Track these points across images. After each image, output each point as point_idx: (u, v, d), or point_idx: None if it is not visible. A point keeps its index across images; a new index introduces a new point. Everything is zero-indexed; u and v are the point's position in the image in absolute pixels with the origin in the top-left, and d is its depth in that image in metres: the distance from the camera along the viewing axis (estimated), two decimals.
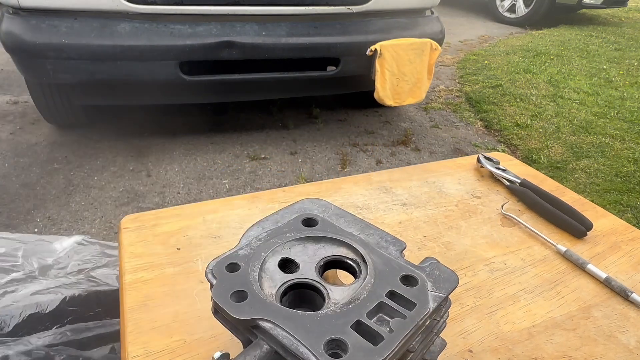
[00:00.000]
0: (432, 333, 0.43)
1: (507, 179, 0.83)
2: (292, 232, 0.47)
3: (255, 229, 0.48)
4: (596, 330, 0.55)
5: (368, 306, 0.38)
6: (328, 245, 0.46)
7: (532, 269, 0.64)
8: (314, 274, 0.43)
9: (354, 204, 0.76)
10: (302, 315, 0.37)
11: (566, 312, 0.57)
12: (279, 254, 0.44)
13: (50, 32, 1.91)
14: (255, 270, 0.42)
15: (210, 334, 0.50)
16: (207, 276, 0.41)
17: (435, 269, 0.44)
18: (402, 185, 0.82)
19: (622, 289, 0.60)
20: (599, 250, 0.69)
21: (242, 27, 2.11)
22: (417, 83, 2.56)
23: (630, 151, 2.80)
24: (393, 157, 2.60)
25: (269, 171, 2.38)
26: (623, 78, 4.07)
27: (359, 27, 2.35)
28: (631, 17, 7.05)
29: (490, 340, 0.52)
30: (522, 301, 0.58)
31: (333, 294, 0.41)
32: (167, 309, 0.53)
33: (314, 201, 0.53)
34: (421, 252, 0.65)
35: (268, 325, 0.36)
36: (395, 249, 0.46)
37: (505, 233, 0.71)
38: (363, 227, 0.49)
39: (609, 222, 0.76)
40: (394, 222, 0.72)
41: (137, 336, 0.49)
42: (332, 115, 3.04)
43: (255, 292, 0.39)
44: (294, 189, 0.79)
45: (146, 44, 2.01)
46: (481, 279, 0.61)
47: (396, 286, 0.41)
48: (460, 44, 5.06)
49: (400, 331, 0.36)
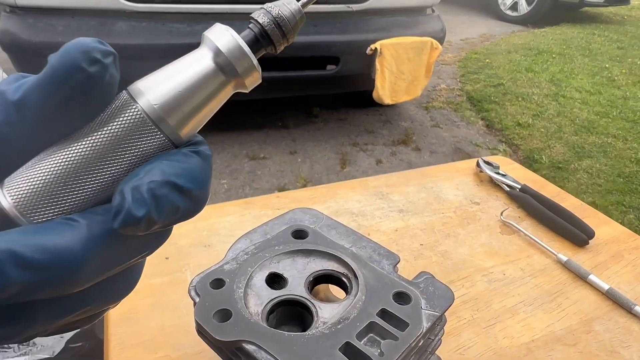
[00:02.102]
0: (427, 352, 0.41)
1: (507, 184, 0.81)
2: (281, 245, 0.45)
3: (242, 241, 0.46)
4: (597, 345, 0.53)
5: (358, 326, 0.37)
6: (318, 259, 0.44)
7: (532, 280, 0.62)
8: (303, 290, 0.41)
9: (349, 210, 0.74)
10: (288, 337, 0.35)
11: (567, 325, 0.55)
12: (267, 269, 0.42)
13: (47, 31, 1.89)
14: (240, 286, 0.40)
15: (196, 350, 0.48)
16: (189, 293, 0.39)
17: (430, 285, 0.42)
18: (399, 191, 0.80)
19: (625, 301, 0.58)
20: (601, 260, 0.67)
21: (241, 25, 2.08)
22: (413, 81, 2.54)
23: (632, 151, 2.77)
24: (393, 157, 2.58)
25: (268, 171, 2.37)
26: (626, 77, 4.04)
27: (359, 26, 2.32)
28: (634, 15, 7.01)
29: (487, 356, 0.50)
30: (521, 314, 0.56)
31: (322, 312, 0.39)
32: (153, 322, 0.51)
33: (305, 211, 0.51)
34: (417, 261, 0.64)
35: (252, 348, 0.34)
36: (388, 263, 0.44)
37: (504, 241, 0.69)
38: (355, 239, 0.47)
39: (611, 229, 0.74)
40: (390, 229, 0.70)
41: (121, 352, 0.47)
42: (332, 115, 3.02)
43: (239, 311, 0.37)
44: (288, 195, 0.77)
45: (144, 42, 1.99)
46: (479, 290, 0.59)
47: (388, 304, 0.39)
48: (461, 42, 5.03)
49: (391, 354, 0.35)
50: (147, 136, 0.19)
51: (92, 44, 0.18)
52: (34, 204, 0.18)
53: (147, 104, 0.19)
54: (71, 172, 0.18)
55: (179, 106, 0.19)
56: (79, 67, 0.17)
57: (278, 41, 0.22)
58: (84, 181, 0.18)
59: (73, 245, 0.16)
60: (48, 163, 0.18)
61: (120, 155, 0.18)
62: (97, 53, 0.18)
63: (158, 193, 0.17)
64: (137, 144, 0.19)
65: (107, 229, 0.17)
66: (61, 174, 0.18)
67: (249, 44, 0.20)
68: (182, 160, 0.19)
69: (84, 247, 0.17)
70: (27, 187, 0.17)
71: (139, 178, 0.17)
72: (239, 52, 0.20)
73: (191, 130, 0.20)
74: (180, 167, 0.18)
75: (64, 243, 0.16)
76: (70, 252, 0.16)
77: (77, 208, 0.18)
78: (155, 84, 0.19)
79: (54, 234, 0.16)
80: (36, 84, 0.17)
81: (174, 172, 0.18)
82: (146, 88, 0.19)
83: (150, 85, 0.19)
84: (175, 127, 0.19)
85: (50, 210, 0.18)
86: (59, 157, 0.18)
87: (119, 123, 0.18)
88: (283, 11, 0.21)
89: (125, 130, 0.18)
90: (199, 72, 0.20)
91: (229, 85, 0.20)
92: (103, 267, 0.18)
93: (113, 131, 0.18)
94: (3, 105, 0.17)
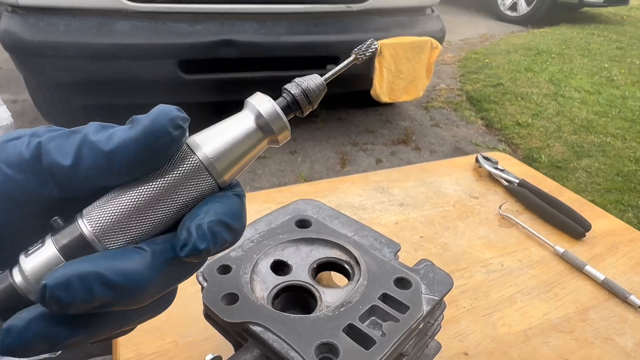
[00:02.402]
0: (426, 336, 0.43)
1: (505, 179, 0.83)
2: (285, 234, 0.46)
3: (248, 230, 0.47)
4: (593, 332, 0.54)
5: (360, 309, 0.38)
6: (321, 247, 0.46)
7: (530, 271, 0.63)
8: (307, 276, 0.42)
9: (350, 204, 0.75)
10: (294, 319, 0.37)
11: (563, 314, 0.56)
12: (272, 256, 0.44)
13: (49, 31, 1.91)
14: (247, 272, 0.41)
15: (203, 336, 0.49)
16: (197, 278, 0.40)
17: (430, 272, 0.43)
18: (399, 186, 0.81)
19: (620, 291, 0.59)
20: (597, 252, 0.68)
21: (241, 25, 2.10)
22: (413, 81, 2.55)
23: (631, 150, 2.79)
24: (393, 156, 2.59)
25: (268, 170, 2.38)
26: (624, 77, 4.06)
27: (359, 26, 2.34)
28: (633, 15, 7.03)
29: (486, 343, 0.52)
30: (518, 303, 0.57)
31: (325, 296, 0.40)
32: None
33: (308, 202, 0.52)
34: (417, 253, 0.65)
35: (258, 329, 0.36)
36: (389, 251, 0.46)
37: (502, 234, 0.71)
38: (357, 228, 0.49)
39: (607, 222, 0.75)
40: (390, 222, 0.71)
41: (129, 338, 0.48)
42: (332, 114, 3.03)
43: (246, 295, 0.38)
44: (290, 189, 0.78)
45: (145, 42, 2.00)
46: (478, 281, 0.61)
47: (389, 289, 0.40)
48: (461, 42, 5.05)
49: (392, 335, 0.36)
50: (202, 181, 0.23)
51: (176, 112, 0.22)
52: (109, 233, 0.22)
53: (204, 156, 0.23)
54: (141, 208, 0.22)
55: (227, 157, 0.24)
56: (167, 131, 0.21)
57: (305, 107, 0.27)
58: (149, 216, 0.22)
59: (143, 270, 0.21)
60: (123, 200, 0.22)
61: (179, 195, 0.23)
62: (180, 120, 0.22)
63: (215, 230, 0.22)
64: (193, 187, 0.23)
65: (168, 257, 0.22)
66: (133, 209, 0.22)
67: (282, 109, 0.25)
68: (227, 202, 0.23)
69: (151, 271, 0.21)
70: (104, 218, 0.22)
71: (201, 218, 0.22)
72: (275, 116, 0.25)
73: (234, 176, 0.25)
74: (227, 207, 0.23)
75: (136, 268, 0.21)
76: (140, 275, 0.21)
77: (142, 237, 0.22)
78: (209, 138, 0.24)
79: (129, 260, 0.21)
80: (128, 141, 0.21)
81: (223, 212, 0.22)
82: (202, 142, 0.23)
83: (205, 140, 0.23)
84: (223, 173, 0.24)
85: (121, 239, 0.22)
86: (132, 196, 0.22)
87: (181, 170, 0.23)
88: (310, 85, 0.26)
89: (186, 176, 0.23)
90: (244, 131, 0.24)
91: (265, 140, 0.25)
92: (162, 286, 0.22)
93: (176, 177, 0.23)
94: (93, 153, 0.21)
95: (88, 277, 0.19)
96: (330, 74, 0.28)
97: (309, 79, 0.27)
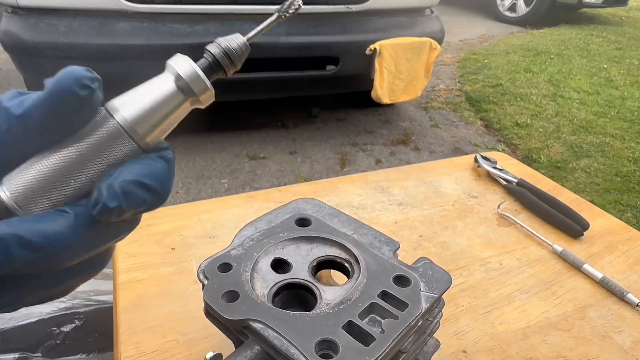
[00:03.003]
0: (425, 334, 0.43)
1: (504, 178, 0.83)
2: (285, 232, 0.47)
3: (248, 228, 0.47)
4: (591, 330, 0.54)
5: (360, 307, 0.38)
6: (321, 245, 0.46)
7: (528, 269, 0.64)
8: (307, 274, 0.43)
9: (350, 203, 0.75)
10: (294, 316, 0.37)
11: (561, 312, 0.57)
12: (272, 254, 0.44)
13: (49, 31, 1.91)
14: (247, 270, 0.41)
15: (204, 334, 0.50)
16: (198, 276, 0.41)
17: (429, 269, 0.43)
18: (398, 185, 0.81)
19: (617, 289, 0.60)
20: (595, 250, 0.68)
21: (241, 25, 2.11)
22: (412, 81, 2.56)
23: (630, 151, 2.80)
24: (392, 157, 2.60)
25: (268, 170, 2.38)
26: (623, 77, 4.07)
27: (359, 26, 2.34)
28: (632, 16, 7.04)
29: (484, 341, 0.52)
30: (517, 301, 0.58)
31: (325, 294, 0.41)
32: (160, 309, 0.53)
33: (308, 201, 0.52)
34: (417, 252, 0.65)
35: (259, 326, 0.36)
36: (388, 249, 0.46)
37: (501, 233, 0.71)
38: (357, 227, 0.49)
39: (605, 221, 0.75)
40: (389, 222, 0.72)
41: (130, 336, 0.49)
42: (332, 115, 3.04)
43: (246, 293, 0.39)
44: (290, 189, 0.78)
45: (145, 43, 2.01)
46: (476, 279, 0.61)
47: (388, 286, 0.40)
48: (460, 43, 5.06)
49: (391, 332, 0.36)
50: (121, 144, 0.23)
51: (83, 72, 0.22)
52: (29, 198, 0.22)
53: (122, 118, 0.23)
54: (61, 172, 0.22)
55: (147, 120, 0.24)
56: (73, 91, 0.21)
57: (227, 68, 0.26)
58: (70, 179, 0.22)
59: (65, 231, 0.21)
60: (42, 165, 0.22)
61: (100, 158, 0.23)
62: (87, 80, 0.22)
63: (127, 189, 0.22)
64: (113, 149, 0.23)
65: (90, 217, 0.22)
66: (52, 174, 0.22)
67: (203, 70, 0.25)
68: (148, 163, 0.24)
69: (73, 232, 0.22)
70: (23, 184, 0.22)
71: (113, 177, 0.22)
72: (195, 77, 0.24)
73: (156, 138, 0.25)
74: (146, 168, 0.23)
75: (57, 229, 0.21)
76: (62, 235, 0.21)
77: (65, 202, 0.23)
78: (128, 102, 0.24)
79: (50, 222, 0.21)
80: (37, 102, 0.21)
81: (141, 173, 0.23)
82: (120, 105, 0.23)
83: (123, 103, 0.23)
84: (144, 136, 0.24)
85: (42, 204, 0.22)
86: (51, 160, 0.22)
87: (100, 133, 0.23)
88: (232, 44, 0.26)
89: (105, 139, 0.23)
90: (163, 93, 0.24)
91: (187, 102, 0.25)
92: (87, 247, 0.23)
93: (95, 140, 0.23)
94: (7, 118, 0.21)
95: (6, 239, 0.19)
96: (253, 33, 0.27)
97: (231, 39, 0.26)
